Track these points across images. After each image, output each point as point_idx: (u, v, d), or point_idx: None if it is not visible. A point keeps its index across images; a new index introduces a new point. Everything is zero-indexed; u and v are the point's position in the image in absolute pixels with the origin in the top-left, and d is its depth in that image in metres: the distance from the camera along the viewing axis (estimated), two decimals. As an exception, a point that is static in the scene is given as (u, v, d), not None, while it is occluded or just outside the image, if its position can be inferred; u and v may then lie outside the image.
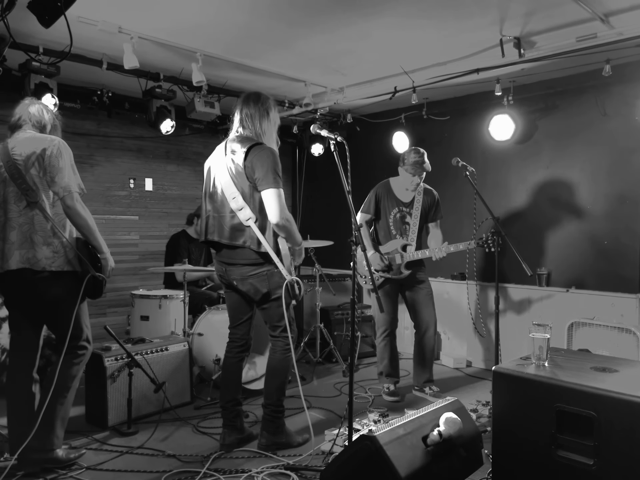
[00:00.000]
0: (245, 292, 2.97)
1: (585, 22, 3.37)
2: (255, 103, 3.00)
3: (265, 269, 2.88)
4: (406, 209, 4.01)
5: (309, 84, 4.75)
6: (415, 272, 3.97)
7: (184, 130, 5.67)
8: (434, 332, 3.98)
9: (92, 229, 2.70)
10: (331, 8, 3.24)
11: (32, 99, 2.92)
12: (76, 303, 2.71)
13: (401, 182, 3.99)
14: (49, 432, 2.72)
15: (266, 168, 2.81)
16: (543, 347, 2.30)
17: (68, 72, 4.09)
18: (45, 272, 2.64)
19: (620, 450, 1.91)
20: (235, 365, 3.13)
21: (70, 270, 2.71)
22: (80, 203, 2.66)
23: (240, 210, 2.86)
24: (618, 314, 4.01)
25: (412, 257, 3.90)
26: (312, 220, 6.50)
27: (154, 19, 3.39)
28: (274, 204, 2.78)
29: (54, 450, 2.74)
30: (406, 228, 4.00)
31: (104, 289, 2.82)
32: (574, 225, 4.39)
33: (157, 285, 5.31)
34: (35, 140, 2.70)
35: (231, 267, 2.95)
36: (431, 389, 3.99)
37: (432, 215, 4.05)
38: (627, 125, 4.09)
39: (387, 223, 4.01)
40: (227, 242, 2.91)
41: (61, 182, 2.62)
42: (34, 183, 2.64)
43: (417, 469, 2.09)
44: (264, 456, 2.93)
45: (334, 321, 5.09)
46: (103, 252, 2.76)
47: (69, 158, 2.70)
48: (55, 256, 2.66)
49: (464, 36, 3.68)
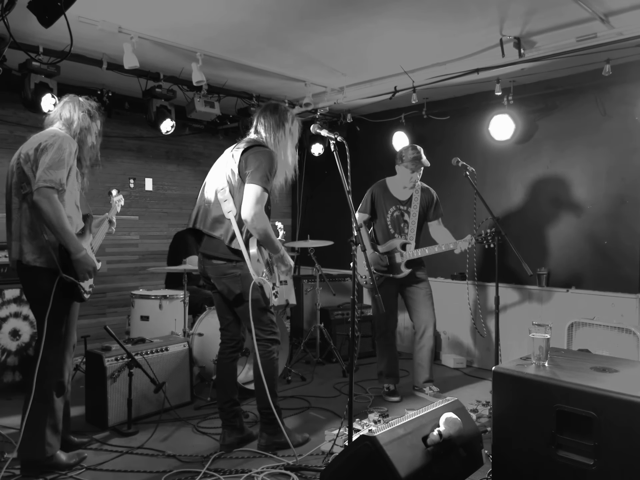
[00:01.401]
0: (221, 292, 3.00)
1: (585, 22, 3.37)
2: (272, 113, 3.03)
3: (239, 271, 2.88)
4: (404, 207, 3.99)
5: (309, 84, 4.75)
6: (415, 271, 3.96)
7: (184, 130, 5.67)
8: (432, 332, 3.97)
9: (57, 227, 2.54)
10: (331, 8, 3.24)
11: (73, 97, 2.88)
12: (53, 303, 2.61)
13: (399, 180, 3.98)
14: (39, 441, 2.65)
15: (258, 165, 2.82)
16: (543, 347, 2.30)
17: (68, 72, 4.08)
18: (30, 266, 2.62)
19: (620, 450, 1.91)
20: (229, 365, 3.12)
21: (52, 268, 2.64)
22: (47, 199, 2.51)
23: (224, 202, 2.89)
24: (618, 314, 4.01)
25: (412, 256, 3.89)
26: (312, 220, 6.50)
27: (154, 19, 3.39)
28: (251, 199, 2.78)
29: (50, 457, 2.69)
30: (404, 226, 3.98)
31: (82, 292, 2.73)
32: (574, 225, 4.39)
33: (157, 285, 5.31)
34: (39, 136, 2.72)
35: (208, 265, 2.97)
36: (431, 389, 3.98)
37: (433, 213, 4.04)
38: (627, 125, 4.09)
39: (385, 222, 3.99)
40: (207, 231, 2.94)
41: (37, 175, 2.56)
42: (27, 176, 2.63)
43: (417, 469, 2.09)
44: (264, 456, 2.93)
45: (334, 321, 5.09)
46: (71, 252, 2.61)
47: (59, 153, 2.60)
48: (41, 252, 2.62)
49: (464, 36, 3.68)
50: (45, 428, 2.66)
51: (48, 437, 2.67)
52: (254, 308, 2.89)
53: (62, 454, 2.77)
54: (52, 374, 2.70)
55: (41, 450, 2.66)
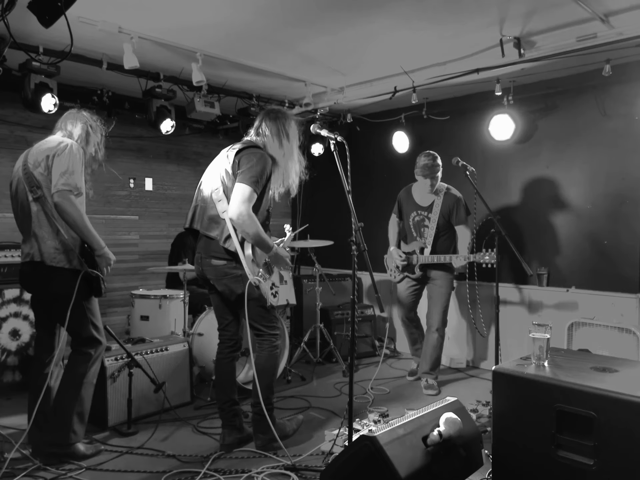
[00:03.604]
0: (222, 293, 3.01)
1: (585, 22, 3.37)
2: (276, 120, 3.05)
3: (240, 271, 2.89)
4: (424, 213, 4.22)
5: (309, 84, 4.74)
6: (430, 273, 4.21)
7: (184, 130, 5.66)
8: (436, 330, 4.17)
9: (81, 227, 2.71)
10: (331, 8, 3.24)
11: (80, 111, 3.02)
12: (76, 300, 2.75)
13: (420, 186, 4.20)
14: (65, 428, 2.80)
15: (251, 166, 2.84)
16: (543, 347, 2.30)
17: (68, 72, 4.08)
18: (45, 266, 2.73)
19: (620, 450, 1.91)
20: (227, 365, 3.13)
21: (71, 268, 2.76)
22: (69, 201, 2.66)
23: (219, 202, 2.91)
24: (618, 314, 4.01)
25: (424, 261, 4.15)
26: (312, 220, 6.49)
27: (154, 19, 3.39)
28: (238, 198, 2.79)
29: (71, 445, 2.82)
30: (424, 231, 4.22)
31: (103, 287, 2.86)
32: (574, 225, 4.39)
33: (157, 285, 5.31)
34: (47, 143, 2.84)
35: (207, 267, 2.98)
36: (427, 381, 4.15)
37: (455, 218, 4.16)
38: (627, 125, 4.09)
39: (408, 225, 4.33)
40: (204, 232, 2.96)
41: (54, 180, 2.70)
42: (37, 180, 2.75)
43: (417, 469, 2.09)
44: (264, 456, 2.93)
45: (334, 321, 5.09)
46: (95, 249, 2.79)
47: (71, 159, 2.74)
48: (56, 252, 2.74)
49: (464, 36, 3.68)
50: (72, 416, 2.81)
51: (75, 425, 2.83)
52: (256, 306, 2.94)
53: (82, 445, 2.89)
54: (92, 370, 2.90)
55: (66, 436, 2.80)
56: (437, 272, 4.18)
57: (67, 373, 2.88)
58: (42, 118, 4.22)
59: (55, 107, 3.81)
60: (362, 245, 2.52)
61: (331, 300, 5.20)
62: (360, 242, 2.52)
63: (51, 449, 2.80)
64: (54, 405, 2.85)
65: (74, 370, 2.86)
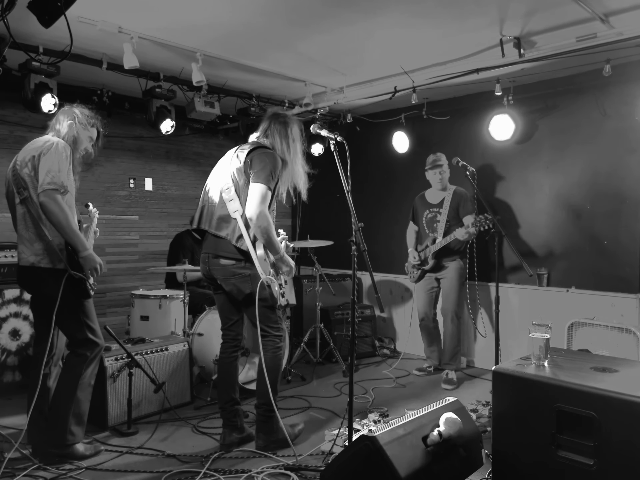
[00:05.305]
0: (229, 292, 3.01)
1: (585, 22, 3.37)
2: (282, 125, 3.07)
3: (249, 271, 2.91)
4: (435, 209, 4.49)
5: (309, 84, 4.74)
6: (440, 261, 4.41)
7: (184, 130, 5.66)
8: (451, 320, 4.38)
9: (65, 227, 2.66)
10: (331, 8, 3.24)
11: (71, 107, 2.96)
12: (66, 302, 2.74)
13: (431, 186, 4.54)
14: (62, 429, 2.79)
15: (264, 165, 2.87)
16: (543, 347, 2.30)
17: (68, 72, 4.08)
18: (34, 268, 2.73)
19: (620, 450, 1.91)
20: (230, 365, 3.14)
21: (58, 269, 2.74)
22: (54, 201, 2.63)
23: (230, 202, 2.92)
24: (618, 314, 4.01)
25: (437, 248, 4.35)
26: (312, 220, 6.49)
27: (154, 19, 3.39)
28: (256, 198, 2.82)
29: (69, 445, 2.82)
30: (437, 226, 4.45)
31: (89, 289, 2.83)
32: (573, 225, 4.39)
33: (157, 285, 5.31)
34: (33, 143, 2.83)
35: (215, 266, 2.98)
36: (447, 375, 4.32)
37: (463, 209, 4.39)
38: (627, 125, 4.08)
39: (422, 225, 4.60)
40: (213, 231, 2.96)
41: (40, 179, 2.67)
42: (24, 181, 2.74)
43: (417, 469, 2.09)
44: (264, 456, 2.93)
45: (334, 321, 5.09)
46: (79, 251, 2.74)
47: (57, 158, 2.70)
48: (43, 253, 2.73)
49: (464, 36, 3.68)
50: (69, 417, 2.80)
51: (71, 426, 2.82)
52: (262, 306, 2.94)
53: (81, 446, 2.88)
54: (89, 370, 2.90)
55: (62, 437, 2.79)
56: (448, 260, 4.40)
57: (64, 374, 2.88)
58: (42, 118, 4.20)
59: (55, 107, 3.79)
60: (362, 245, 2.52)
61: (331, 300, 5.20)
62: (360, 242, 2.52)
63: (50, 449, 2.80)
64: (50, 406, 2.85)
65: (70, 371, 2.86)
